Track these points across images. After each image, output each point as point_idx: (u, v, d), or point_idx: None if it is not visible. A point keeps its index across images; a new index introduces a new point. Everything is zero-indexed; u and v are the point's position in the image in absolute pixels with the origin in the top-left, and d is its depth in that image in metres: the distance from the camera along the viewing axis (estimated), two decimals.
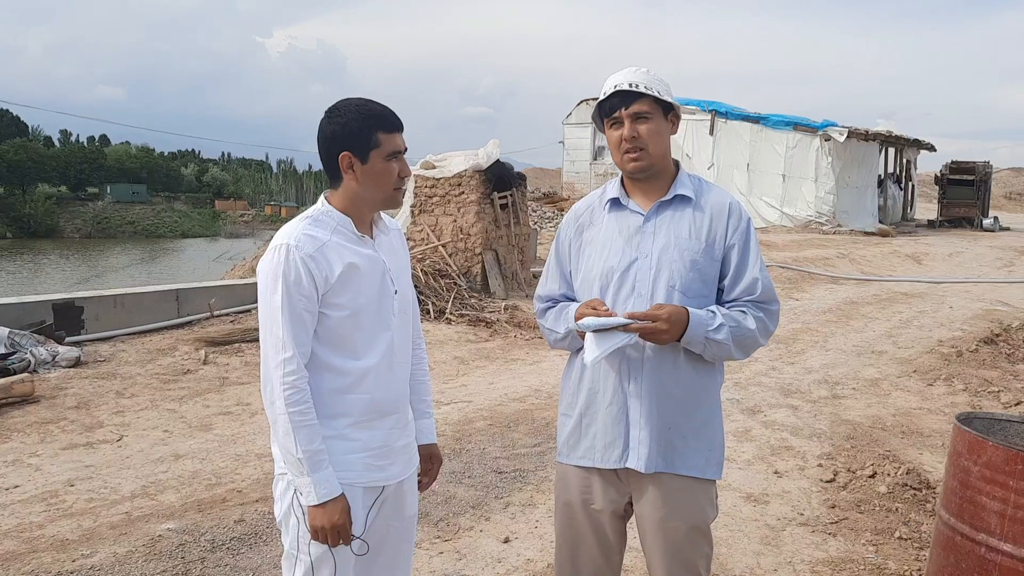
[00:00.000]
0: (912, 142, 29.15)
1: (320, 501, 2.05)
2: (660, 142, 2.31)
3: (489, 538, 4.06)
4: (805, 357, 8.32)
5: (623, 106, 2.28)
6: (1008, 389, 6.93)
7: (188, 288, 9.06)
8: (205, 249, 51.24)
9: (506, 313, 10.19)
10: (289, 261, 2.04)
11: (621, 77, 2.31)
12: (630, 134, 2.28)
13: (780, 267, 14.80)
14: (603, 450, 2.34)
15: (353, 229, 2.16)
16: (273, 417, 2.07)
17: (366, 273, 2.15)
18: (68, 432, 5.60)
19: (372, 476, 2.20)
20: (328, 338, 2.13)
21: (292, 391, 2.04)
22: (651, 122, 2.29)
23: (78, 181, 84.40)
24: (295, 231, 2.10)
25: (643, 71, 2.32)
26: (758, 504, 4.51)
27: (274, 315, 2.05)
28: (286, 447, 2.05)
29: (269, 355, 2.06)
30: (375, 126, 2.11)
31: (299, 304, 2.06)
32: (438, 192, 11.76)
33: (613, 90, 2.30)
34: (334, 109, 2.14)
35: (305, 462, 2.04)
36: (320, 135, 2.15)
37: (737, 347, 2.27)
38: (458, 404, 6.52)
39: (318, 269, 2.07)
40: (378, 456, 2.21)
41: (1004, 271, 16.76)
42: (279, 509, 2.20)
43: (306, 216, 2.17)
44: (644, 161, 2.30)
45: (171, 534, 4.03)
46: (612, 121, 2.32)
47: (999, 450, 2.66)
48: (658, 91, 2.28)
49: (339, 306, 2.11)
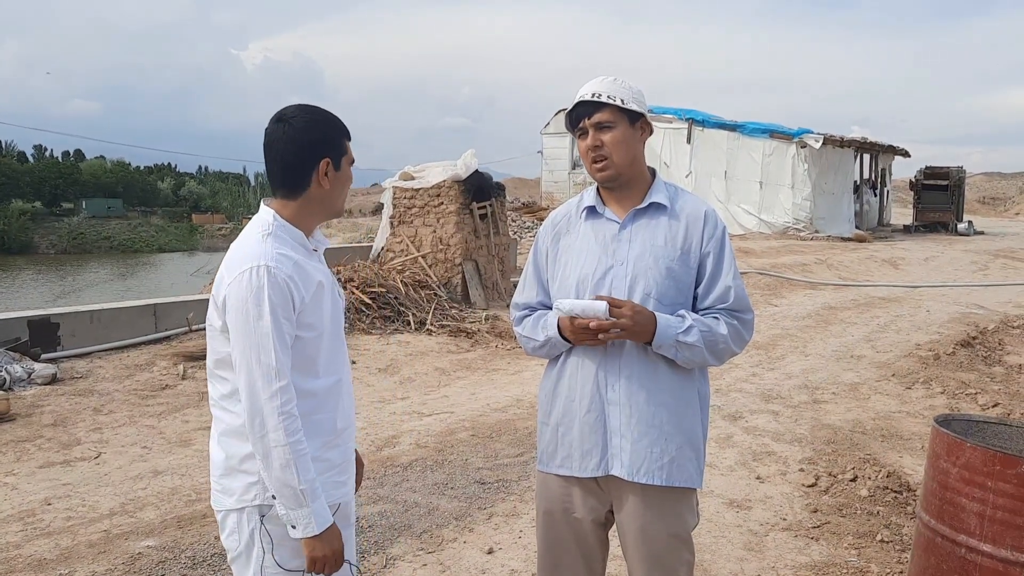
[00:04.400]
0: (887, 148, 29.49)
1: (320, 531, 1.98)
2: (625, 151, 2.32)
3: (473, 549, 4.04)
4: (785, 363, 8.36)
5: (586, 116, 2.31)
6: (985, 391, 6.99)
7: (166, 303, 8.97)
8: (183, 263, 50.80)
9: (487, 323, 10.18)
10: (273, 284, 1.94)
11: (587, 87, 2.34)
12: (593, 143, 2.31)
13: (759, 273, 14.90)
14: (580, 459, 2.34)
15: (307, 243, 2.10)
16: (265, 451, 1.94)
17: (328, 290, 2.11)
18: (45, 450, 5.52)
19: (335, 494, 2.14)
20: (299, 361, 2.03)
21: (289, 420, 1.94)
22: (614, 131, 2.30)
23: (53, 196, 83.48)
24: (267, 251, 1.99)
25: (610, 80, 2.34)
26: (741, 510, 4.52)
27: (262, 342, 1.93)
28: (284, 480, 1.94)
29: (258, 385, 1.93)
30: (343, 133, 2.11)
31: (284, 328, 1.96)
32: (417, 203, 11.74)
33: (578, 100, 2.33)
34: (305, 116, 2.07)
35: (307, 494, 1.95)
36: (291, 143, 2.05)
37: (710, 352, 2.27)
38: (440, 415, 6.49)
39: (297, 290, 1.99)
40: (340, 472, 2.16)
41: (979, 275, 16.95)
42: (235, 542, 2.08)
43: (264, 232, 2.04)
44: (610, 170, 2.32)
45: (151, 551, 3.98)
46: (579, 131, 2.35)
47: (977, 451, 2.68)
48: (621, 99, 2.29)
49: (310, 326, 2.04)
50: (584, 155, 2.36)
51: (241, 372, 1.96)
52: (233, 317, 1.97)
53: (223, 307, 2.00)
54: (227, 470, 2.08)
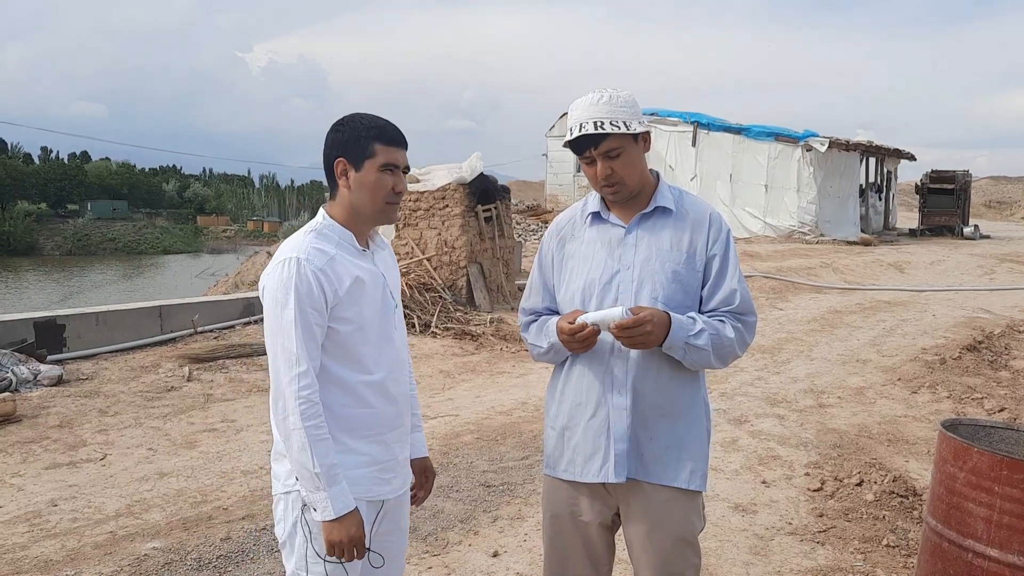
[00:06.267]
0: (892, 152, 29.46)
1: (337, 515, 2.04)
2: (635, 170, 2.29)
3: (478, 552, 4.04)
4: (790, 367, 8.35)
5: (592, 146, 2.25)
6: (991, 395, 6.97)
7: (171, 304, 8.99)
8: (187, 265, 50.91)
9: (492, 326, 10.18)
10: (301, 274, 2.04)
11: (585, 114, 2.24)
12: (604, 172, 2.26)
13: (764, 277, 14.88)
14: (583, 463, 2.34)
15: (355, 243, 2.18)
16: (286, 433, 2.04)
17: (370, 287, 2.17)
18: (51, 451, 5.54)
19: (377, 490, 2.20)
20: (337, 352, 2.12)
21: (307, 405, 2.02)
22: (623, 155, 2.25)
23: (58, 198, 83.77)
24: (303, 244, 2.10)
25: (605, 100, 2.24)
26: (746, 514, 4.51)
27: (286, 329, 2.03)
28: (302, 463, 2.02)
29: (281, 370, 2.04)
30: (374, 137, 2.13)
31: (311, 318, 2.05)
32: (422, 205, 11.75)
33: (580, 132, 2.24)
34: (339, 120, 2.18)
35: (323, 477, 2.02)
36: (324, 146, 2.18)
37: (716, 355, 2.27)
38: (445, 418, 6.50)
39: (328, 283, 2.07)
40: (383, 470, 2.21)
41: (985, 279, 16.92)
42: (281, 530, 2.17)
43: (310, 229, 2.17)
44: (623, 192, 2.31)
45: (156, 553, 3.98)
46: (585, 159, 2.30)
47: (984, 456, 2.67)
48: (624, 122, 2.22)
49: (347, 320, 2.11)
50: (592, 179, 2.33)
51: (270, 357, 2.08)
52: (265, 305, 2.10)
53: (262, 296, 2.12)
54: (276, 455, 2.18)
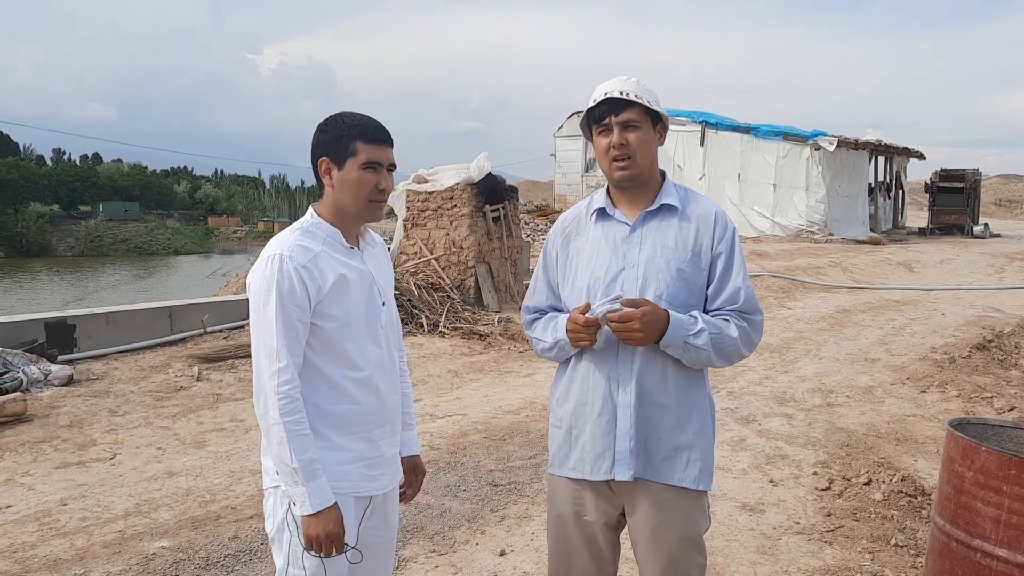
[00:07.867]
0: (901, 151, 29.34)
1: (315, 511, 2.06)
2: (648, 151, 2.31)
3: (485, 551, 4.04)
4: (799, 366, 8.32)
5: (612, 113, 2.28)
6: (1001, 395, 6.94)
7: (181, 305, 9.02)
8: (198, 266, 51.09)
9: (500, 326, 10.19)
10: (283, 271, 2.06)
11: (611, 85, 2.31)
12: (619, 141, 2.27)
13: (772, 276, 14.83)
14: (592, 462, 2.34)
15: (342, 240, 2.20)
16: (267, 427, 2.07)
17: (356, 285, 2.18)
18: (61, 451, 5.57)
19: (364, 486, 2.22)
20: (322, 349, 2.14)
21: (286, 400, 2.05)
22: (640, 131, 2.28)
23: (70, 199, 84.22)
24: (287, 242, 2.12)
25: (633, 80, 2.32)
26: (754, 513, 4.50)
27: (268, 325, 2.06)
28: (280, 457, 2.06)
29: (263, 365, 2.07)
30: (355, 135, 2.14)
31: (292, 314, 2.07)
32: (430, 206, 11.76)
33: (604, 97, 2.29)
34: (324, 120, 2.20)
35: (300, 472, 2.04)
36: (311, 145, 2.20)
37: (717, 354, 2.27)
38: (452, 417, 6.50)
39: (311, 279, 2.09)
40: (370, 466, 2.23)
41: (995, 277, 16.83)
42: (271, 525, 2.19)
43: (296, 227, 2.19)
44: (632, 170, 2.30)
45: (165, 552, 4.00)
46: (601, 128, 2.31)
47: (993, 455, 2.66)
48: (648, 100, 2.28)
49: (332, 317, 2.13)
50: (603, 153, 2.32)
51: (253, 352, 2.12)
52: (250, 301, 2.13)
53: (248, 292, 2.15)
54: (264, 450, 2.19)
